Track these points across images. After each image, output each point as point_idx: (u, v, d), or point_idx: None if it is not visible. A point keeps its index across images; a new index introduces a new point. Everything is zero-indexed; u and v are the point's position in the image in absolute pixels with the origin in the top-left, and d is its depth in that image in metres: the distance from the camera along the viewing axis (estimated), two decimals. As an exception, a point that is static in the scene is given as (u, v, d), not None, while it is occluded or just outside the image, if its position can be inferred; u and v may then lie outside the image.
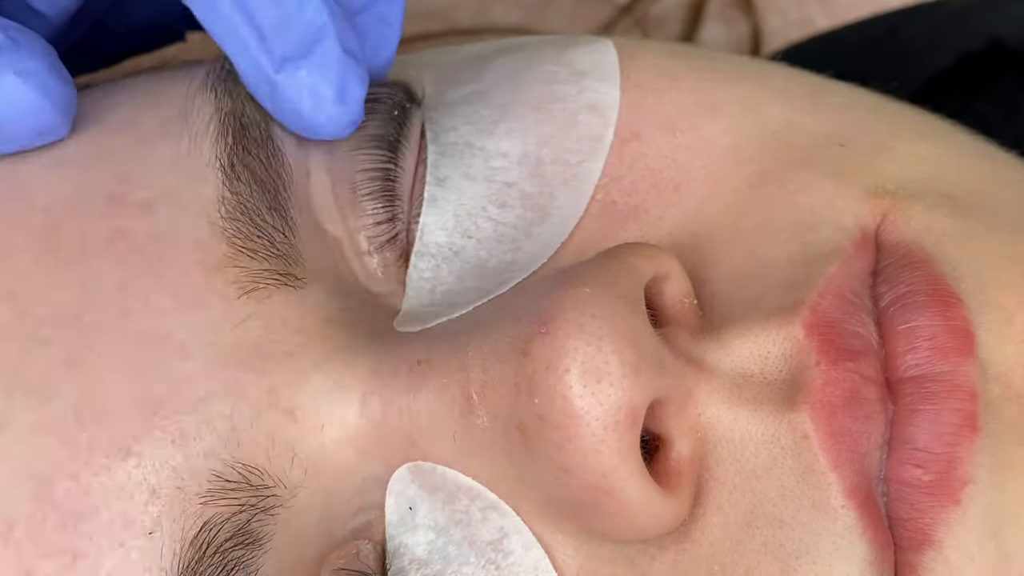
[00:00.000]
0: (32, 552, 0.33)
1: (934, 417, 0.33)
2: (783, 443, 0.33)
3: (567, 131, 0.38)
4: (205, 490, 0.33)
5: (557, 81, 0.39)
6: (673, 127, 0.38)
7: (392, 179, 0.37)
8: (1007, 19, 0.50)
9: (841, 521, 0.33)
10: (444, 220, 0.37)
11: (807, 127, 0.38)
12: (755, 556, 0.33)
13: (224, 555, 0.33)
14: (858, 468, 0.33)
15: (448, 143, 0.38)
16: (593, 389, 0.32)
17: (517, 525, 0.34)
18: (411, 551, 0.34)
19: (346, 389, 0.34)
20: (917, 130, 0.40)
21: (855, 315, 0.34)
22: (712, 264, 0.36)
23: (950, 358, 0.34)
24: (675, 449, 0.34)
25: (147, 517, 0.33)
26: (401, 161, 0.37)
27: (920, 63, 0.51)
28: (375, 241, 0.37)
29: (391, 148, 0.38)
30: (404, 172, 0.38)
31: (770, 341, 0.34)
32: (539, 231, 0.37)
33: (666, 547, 0.34)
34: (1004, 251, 0.36)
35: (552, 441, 0.32)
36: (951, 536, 0.33)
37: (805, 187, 0.37)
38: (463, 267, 0.37)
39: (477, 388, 0.33)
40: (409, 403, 0.34)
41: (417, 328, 0.36)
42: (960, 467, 0.33)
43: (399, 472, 0.35)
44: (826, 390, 0.33)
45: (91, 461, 0.33)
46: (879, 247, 0.36)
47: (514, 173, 0.38)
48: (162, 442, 0.33)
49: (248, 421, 0.34)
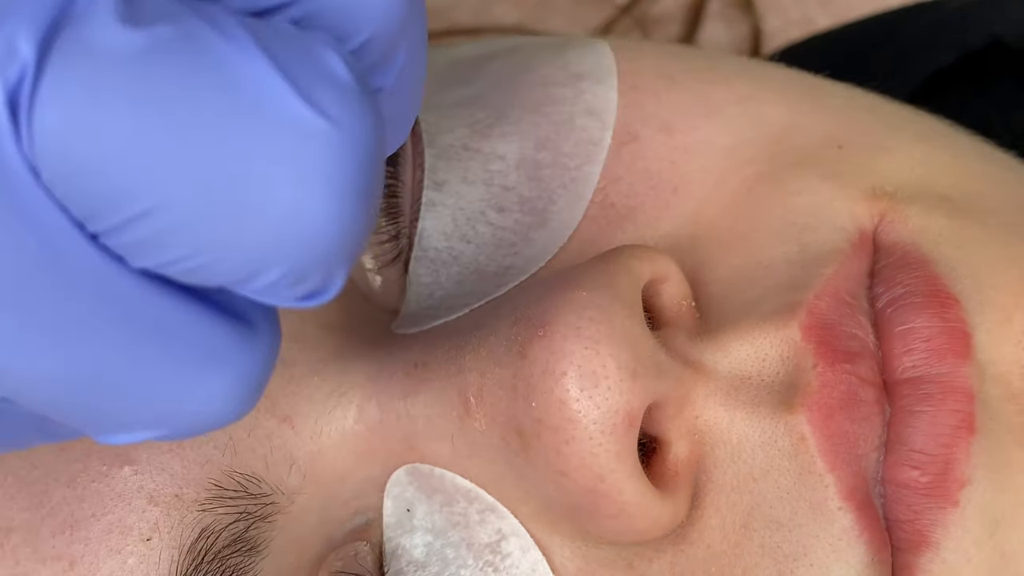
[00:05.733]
0: (29, 558, 0.33)
1: (931, 419, 0.33)
2: (780, 445, 0.33)
3: (565, 134, 0.38)
4: (204, 498, 0.33)
5: (554, 84, 0.39)
6: (671, 129, 0.38)
7: (395, 195, 0.37)
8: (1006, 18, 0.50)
9: (838, 523, 0.33)
10: (443, 224, 0.37)
11: (805, 128, 0.38)
12: (753, 558, 0.33)
13: (222, 562, 0.33)
14: (855, 470, 0.33)
15: (445, 145, 0.38)
16: (590, 392, 0.32)
17: (515, 527, 0.34)
18: (409, 553, 0.34)
19: (343, 394, 0.34)
20: (916, 131, 0.40)
21: (852, 317, 0.34)
22: (710, 266, 0.36)
23: (947, 359, 0.34)
24: (672, 451, 0.34)
25: (145, 524, 0.33)
26: (402, 175, 0.37)
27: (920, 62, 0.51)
28: (381, 259, 0.37)
29: (391, 162, 0.37)
30: (404, 185, 0.37)
31: (767, 343, 0.34)
32: (537, 235, 0.37)
33: (664, 549, 0.34)
34: (1002, 252, 0.36)
35: (550, 444, 0.32)
36: (948, 537, 0.33)
37: (803, 188, 0.37)
38: (462, 272, 0.37)
39: (475, 391, 0.33)
40: (407, 406, 0.34)
41: (415, 331, 0.36)
42: (957, 468, 0.33)
43: (397, 474, 0.35)
44: (823, 392, 0.33)
45: (88, 468, 0.33)
46: (877, 248, 0.36)
47: (512, 176, 0.38)
48: (159, 449, 0.33)
49: (245, 429, 0.34)
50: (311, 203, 0.25)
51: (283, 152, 0.25)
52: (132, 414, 0.27)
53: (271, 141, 0.25)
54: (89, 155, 0.25)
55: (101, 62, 0.25)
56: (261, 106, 0.25)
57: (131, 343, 0.26)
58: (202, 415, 0.28)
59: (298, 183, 0.25)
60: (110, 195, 0.25)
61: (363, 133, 0.25)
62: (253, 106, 0.25)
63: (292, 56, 0.25)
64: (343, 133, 0.25)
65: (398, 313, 0.37)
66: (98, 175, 0.25)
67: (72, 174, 0.25)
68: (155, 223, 0.25)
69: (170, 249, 0.25)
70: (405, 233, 0.37)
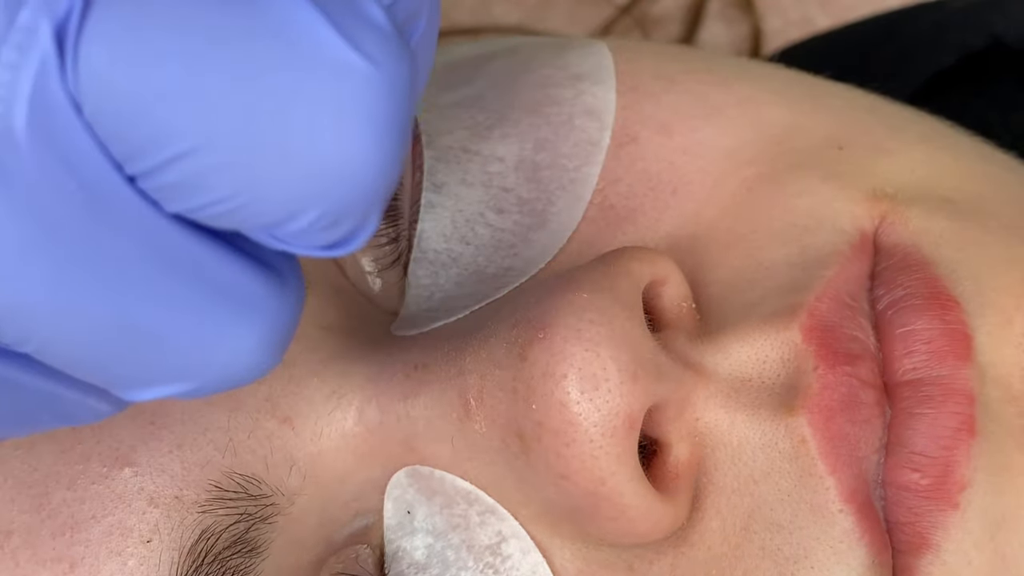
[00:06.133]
0: (29, 560, 0.33)
1: (932, 421, 0.33)
2: (781, 447, 0.33)
3: (564, 135, 0.38)
4: (204, 499, 0.33)
5: (553, 85, 0.39)
6: (670, 130, 0.38)
7: (395, 197, 0.37)
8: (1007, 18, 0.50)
9: (839, 525, 0.33)
10: (442, 226, 0.37)
11: (806, 129, 0.38)
12: (753, 560, 0.33)
13: (223, 563, 0.33)
14: (856, 472, 0.33)
15: (444, 147, 0.38)
16: (591, 395, 0.32)
17: (515, 529, 0.34)
18: (409, 555, 0.34)
19: (343, 396, 0.34)
20: (916, 132, 0.40)
21: (853, 319, 0.34)
22: (710, 267, 0.36)
23: (947, 362, 0.34)
24: (673, 454, 0.34)
25: (145, 525, 0.33)
26: (402, 178, 0.37)
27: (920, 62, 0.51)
28: (381, 263, 0.37)
29: None
30: (403, 187, 0.37)
31: (768, 345, 0.34)
32: (537, 237, 0.37)
33: (664, 551, 0.34)
34: (1002, 254, 0.36)
35: (550, 447, 0.32)
36: (949, 540, 0.33)
37: (803, 190, 0.37)
38: (461, 274, 0.37)
39: (475, 393, 0.33)
40: (407, 408, 0.34)
41: (414, 332, 0.36)
42: (958, 471, 0.33)
43: (397, 476, 0.35)
44: (824, 394, 0.33)
45: (88, 470, 0.33)
46: (877, 250, 0.36)
47: (511, 178, 0.38)
48: (159, 451, 0.33)
49: (245, 431, 0.34)
50: (352, 141, 0.25)
51: (326, 91, 0.25)
52: (161, 364, 0.27)
53: (315, 80, 0.25)
54: (134, 92, 0.25)
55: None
56: (306, 46, 0.25)
57: (167, 287, 0.26)
58: (231, 368, 0.28)
59: (340, 121, 0.25)
60: (153, 134, 0.25)
61: (402, 75, 0.26)
62: (298, 46, 0.25)
63: (334, 1, 0.26)
64: (383, 74, 0.25)
65: (398, 315, 0.37)
66: (142, 113, 0.25)
67: (115, 112, 0.25)
68: (196, 163, 0.25)
69: (209, 191, 0.25)
70: (404, 236, 0.37)
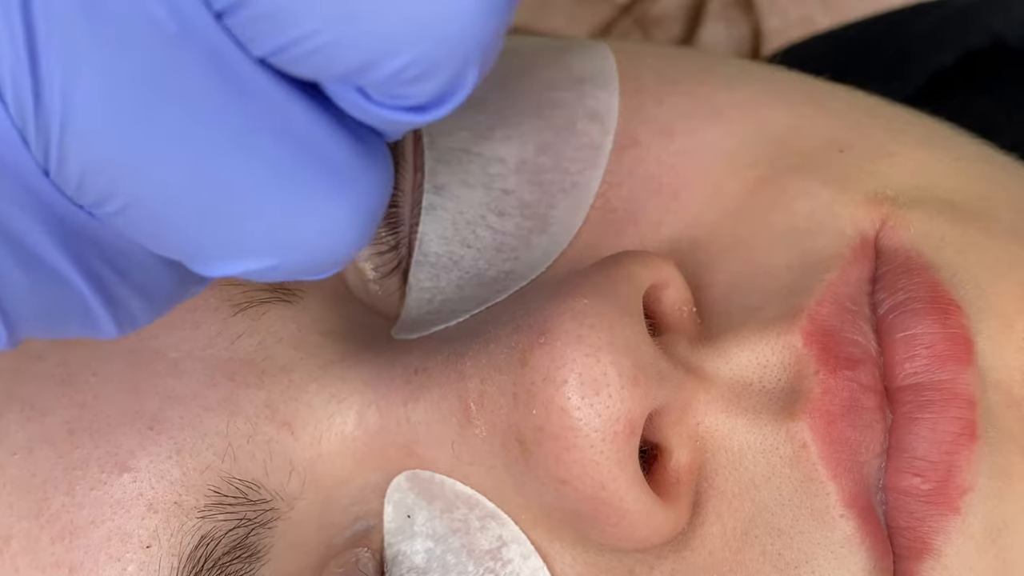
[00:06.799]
0: (28, 566, 0.33)
1: (933, 425, 0.33)
2: (782, 452, 0.33)
3: (566, 138, 0.38)
4: (203, 504, 0.33)
5: (555, 87, 0.39)
6: (672, 132, 0.38)
7: (395, 204, 0.37)
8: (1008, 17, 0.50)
9: (840, 530, 0.33)
10: (443, 229, 0.37)
11: (807, 132, 0.38)
12: (754, 565, 0.33)
13: (222, 569, 0.33)
14: (857, 477, 0.33)
15: (445, 148, 0.38)
16: (591, 400, 0.31)
17: (515, 534, 0.34)
18: (409, 559, 0.34)
19: (342, 400, 0.34)
20: (917, 135, 0.39)
21: (853, 323, 0.34)
22: (711, 271, 0.36)
23: (948, 366, 0.34)
24: (674, 458, 0.34)
25: (144, 531, 0.33)
26: (402, 184, 0.37)
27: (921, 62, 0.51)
28: (381, 270, 0.37)
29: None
30: (404, 193, 0.37)
31: (769, 350, 0.34)
32: (538, 240, 0.37)
33: (665, 556, 0.34)
34: (1003, 257, 0.36)
35: (550, 452, 0.32)
36: (950, 544, 0.33)
37: (804, 193, 0.37)
38: (462, 277, 0.37)
39: (475, 398, 0.33)
40: (407, 413, 0.34)
41: (415, 336, 0.36)
42: (959, 475, 0.33)
43: (397, 480, 0.34)
44: (825, 399, 0.33)
45: (87, 475, 0.33)
46: (878, 253, 0.36)
47: (512, 180, 0.37)
48: (158, 457, 0.33)
49: (245, 436, 0.34)
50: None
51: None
52: (245, 232, 0.26)
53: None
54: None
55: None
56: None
57: (255, 140, 0.25)
58: (318, 244, 0.26)
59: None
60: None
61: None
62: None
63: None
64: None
65: (398, 319, 0.37)
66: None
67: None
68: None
69: (297, 23, 0.24)
70: (405, 242, 0.37)
